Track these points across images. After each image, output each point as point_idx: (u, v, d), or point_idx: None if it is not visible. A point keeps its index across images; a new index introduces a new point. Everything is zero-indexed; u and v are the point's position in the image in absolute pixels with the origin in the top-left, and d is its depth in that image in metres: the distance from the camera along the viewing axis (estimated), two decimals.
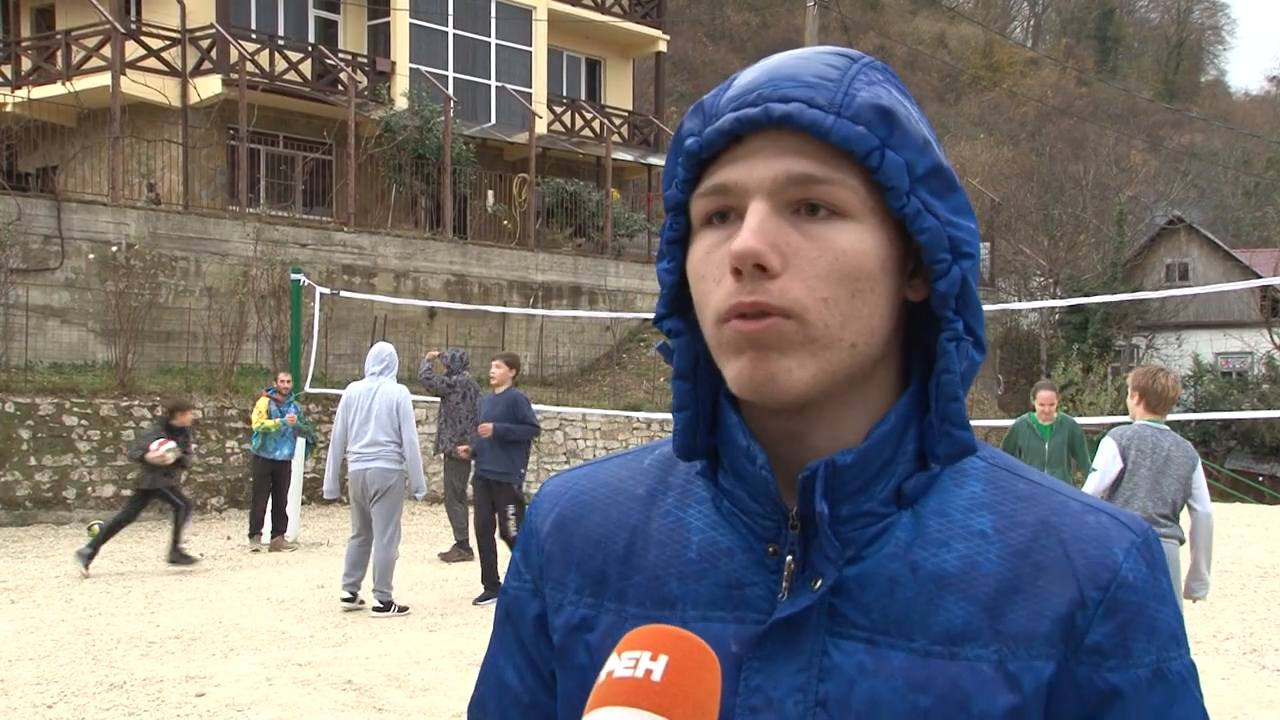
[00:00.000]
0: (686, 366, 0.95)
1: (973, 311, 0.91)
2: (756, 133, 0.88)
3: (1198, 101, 67.83)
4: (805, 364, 0.87)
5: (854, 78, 0.89)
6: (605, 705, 0.77)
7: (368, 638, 8.37)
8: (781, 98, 0.87)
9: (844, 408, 0.92)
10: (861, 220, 0.88)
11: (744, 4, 58.74)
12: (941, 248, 0.89)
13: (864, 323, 0.88)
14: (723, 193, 0.89)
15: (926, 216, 0.88)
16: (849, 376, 0.90)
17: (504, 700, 1.04)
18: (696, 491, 0.98)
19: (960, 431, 0.91)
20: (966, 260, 0.90)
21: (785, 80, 0.89)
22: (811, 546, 0.90)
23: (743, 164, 0.88)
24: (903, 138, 0.88)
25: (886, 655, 0.88)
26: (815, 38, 24.51)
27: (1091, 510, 0.93)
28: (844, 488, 0.90)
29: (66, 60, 21.36)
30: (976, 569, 0.90)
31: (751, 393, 0.88)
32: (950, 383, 0.90)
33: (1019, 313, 33.03)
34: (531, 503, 1.07)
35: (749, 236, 0.85)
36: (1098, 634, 0.88)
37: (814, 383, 0.88)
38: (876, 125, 0.87)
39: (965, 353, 0.90)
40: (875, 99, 0.88)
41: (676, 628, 0.82)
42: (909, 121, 0.89)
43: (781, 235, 0.87)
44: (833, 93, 0.87)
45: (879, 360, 0.92)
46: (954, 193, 0.91)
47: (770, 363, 0.87)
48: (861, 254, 0.87)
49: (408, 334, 20.53)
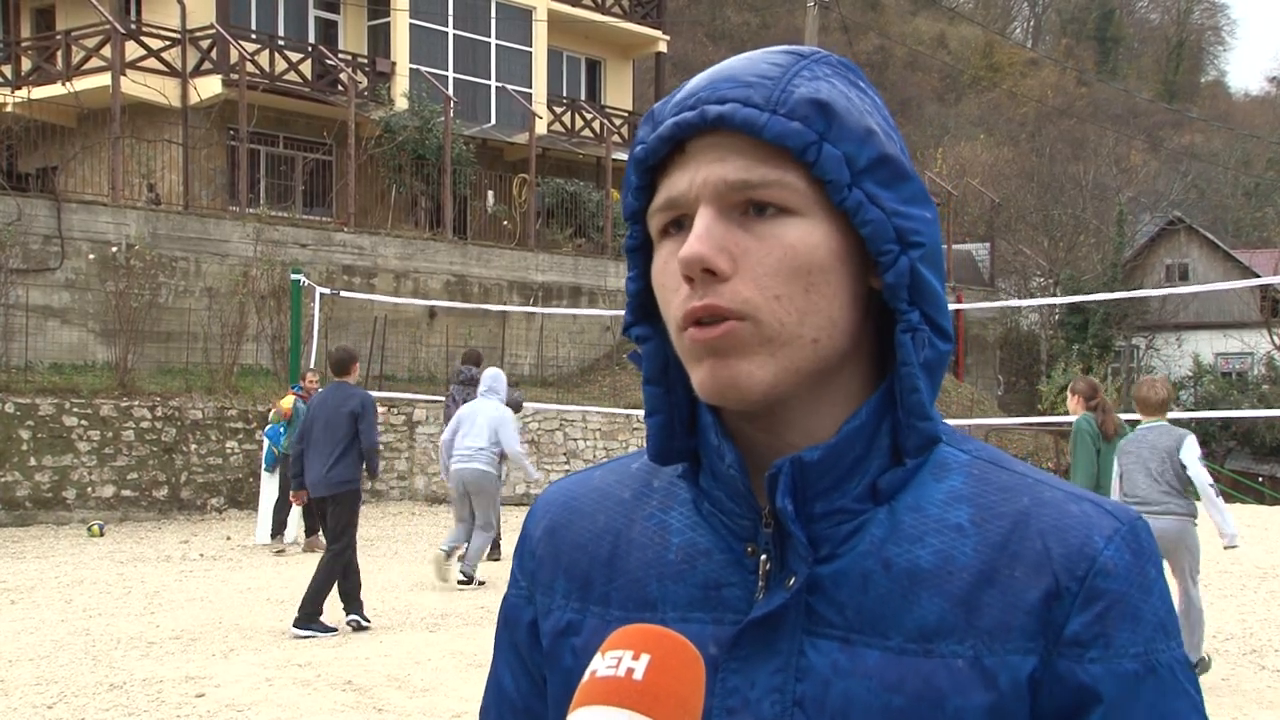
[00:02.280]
0: (656, 372, 0.96)
1: (929, 300, 0.89)
2: (697, 137, 0.88)
3: (1198, 102, 67.84)
4: (765, 365, 0.87)
5: (796, 74, 0.89)
6: (588, 705, 0.77)
7: (367, 638, 8.37)
8: (719, 99, 0.87)
9: (816, 404, 0.91)
10: (808, 215, 0.87)
11: (744, 4, 58.76)
12: (886, 239, 0.88)
13: (823, 316, 0.88)
14: (673, 206, 0.89)
15: (869, 208, 0.87)
16: (816, 372, 0.89)
17: (501, 706, 1.05)
18: (679, 494, 0.98)
19: (923, 423, 0.90)
20: (916, 250, 0.89)
21: (724, 82, 0.89)
22: (786, 545, 0.90)
23: (687, 171, 0.88)
24: (841, 130, 0.87)
25: (861, 654, 0.87)
26: (815, 38, 24.51)
27: (1074, 499, 0.91)
28: (814, 485, 0.89)
29: (66, 60, 21.37)
30: (951, 563, 0.88)
31: (716, 398, 0.88)
32: (909, 374, 0.89)
33: (1019, 313, 32.99)
34: (529, 510, 1.07)
35: (694, 242, 0.85)
36: (1076, 624, 0.86)
37: (776, 382, 0.87)
38: (814, 119, 0.87)
39: (924, 342, 0.89)
40: (813, 93, 0.87)
41: (659, 626, 0.81)
42: (849, 114, 0.88)
43: (730, 237, 0.87)
44: (770, 90, 0.87)
45: (847, 354, 0.91)
46: (905, 182, 0.90)
47: (730, 367, 0.87)
48: (810, 247, 0.87)
49: (408, 334, 20.54)
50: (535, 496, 8.92)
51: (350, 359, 9.02)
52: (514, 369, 21.54)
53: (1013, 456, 0.97)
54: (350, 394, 8.71)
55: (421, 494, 18.32)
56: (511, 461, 10.79)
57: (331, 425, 8.54)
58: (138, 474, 15.73)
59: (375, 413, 8.77)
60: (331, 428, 8.54)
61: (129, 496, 15.66)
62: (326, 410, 8.62)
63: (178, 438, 16.09)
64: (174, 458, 16.03)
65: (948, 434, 0.95)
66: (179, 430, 16.10)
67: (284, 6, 24.09)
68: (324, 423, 8.59)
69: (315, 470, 8.57)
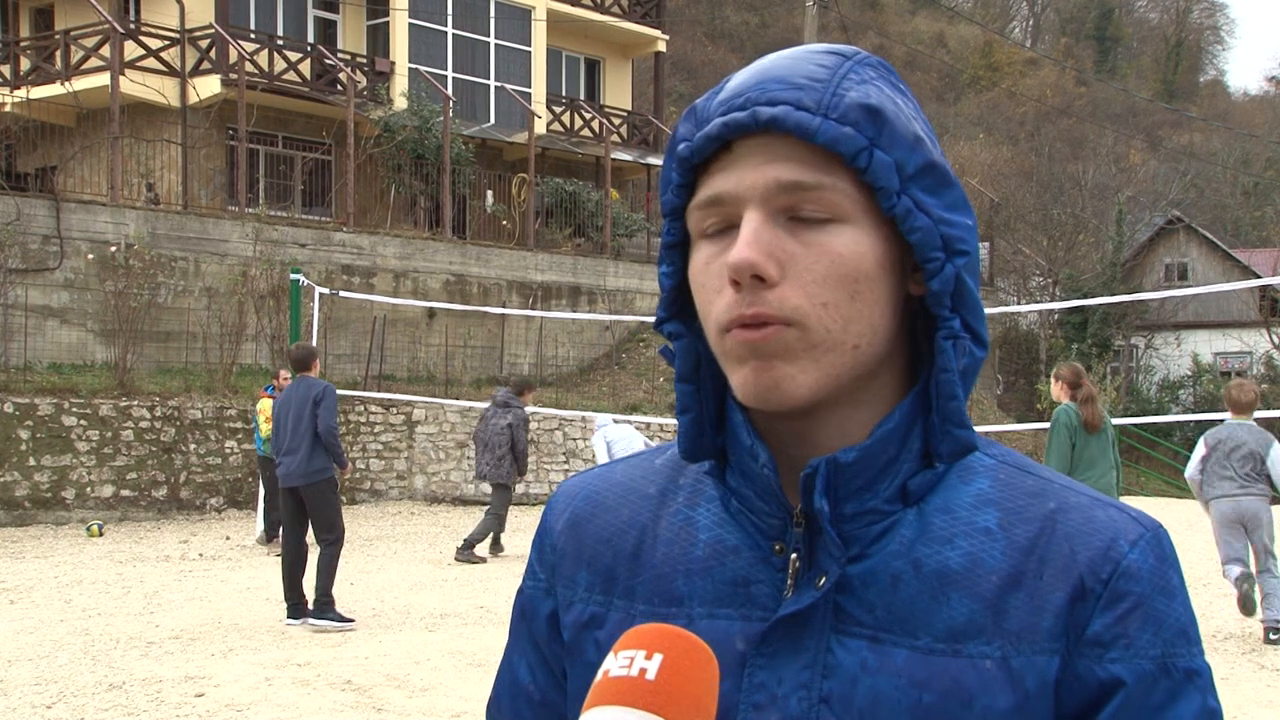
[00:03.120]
0: (688, 369, 0.96)
1: (970, 308, 0.90)
2: (746, 137, 0.88)
3: (1197, 101, 67.83)
4: (808, 370, 0.87)
5: (844, 77, 0.89)
6: (600, 705, 0.77)
7: (367, 638, 8.37)
8: (769, 100, 0.87)
9: (851, 407, 0.92)
10: (856, 222, 0.88)
11: (743, 4, 58.74)
12: (934, 246, 0.88)
13: (865, 323, 0.88)
14: (717, 204, 0.89)
15: (918, 215, 0.88)
16: (854, 377, 0.90)
17: (517, 698, 1.05)
18: (706, 490, 0.98)
19: (960, 430, 0.91)
20: (961, 258, 0.89)
21: (774, 82, 0.88)
22: (816, 544, 0.90)
23: (734, 172, 0.88)
24: (892, 136, 0.87)
25: (890, 653, 0.88)
26: (814, 37, 24.53)
27: (1100, 505, 0.92)
28: (847, 485, 0.90)
29: (65, 60, 21.35)
30: (980, 565, 0.89)
31: (757, 400, 0.88)
32: (948, 381, 0.90)
33: (1018, 312, 33.00)
34: (548, 502, 1.07)
35: (744, 248, 0.85)
36: (1098, 625, 0.87)
37: (818, 387, 0.88)
38: (864, 125, 0.87)
39: (963, 350, 0.90)
40: (864, 98, 0.87)
41: (672, 626, 0.81)
42: (898, 119, 0.88)
43: (777, 243, 0.87)
44: (820, 93, 0.87)
45: (884, 358, 0.92)
46: (949, 189, 0.90)
47: (773, 370, 0.87)
48: (858, 256, 0.87)
49: (407, 334, 20.54)
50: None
51: (310, 355, 9.15)
52: (513, 368, 21.54)
53: (1035, 461, 0.98)
54: (312, 385, 8.87)
55: (420, 494, 18.31)
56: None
57: (298, 419, 8.75)
58: (137, 474, 15.73)
59: (334, 399, 8.89)
60: (298, 421, 8.74)
61: (128, 496, 15.65)
62: (292, 405, 8.81)
63: (177, 438, 16.08)
64: (173, 457, 16.03)
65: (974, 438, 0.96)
66: (178, 430, 16.10)
67: (283, 6, 24.08)
68: (291, 417, 8.78)
69: (288, 464, 8.76)
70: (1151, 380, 35.21)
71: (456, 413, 18.49)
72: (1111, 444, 8.09)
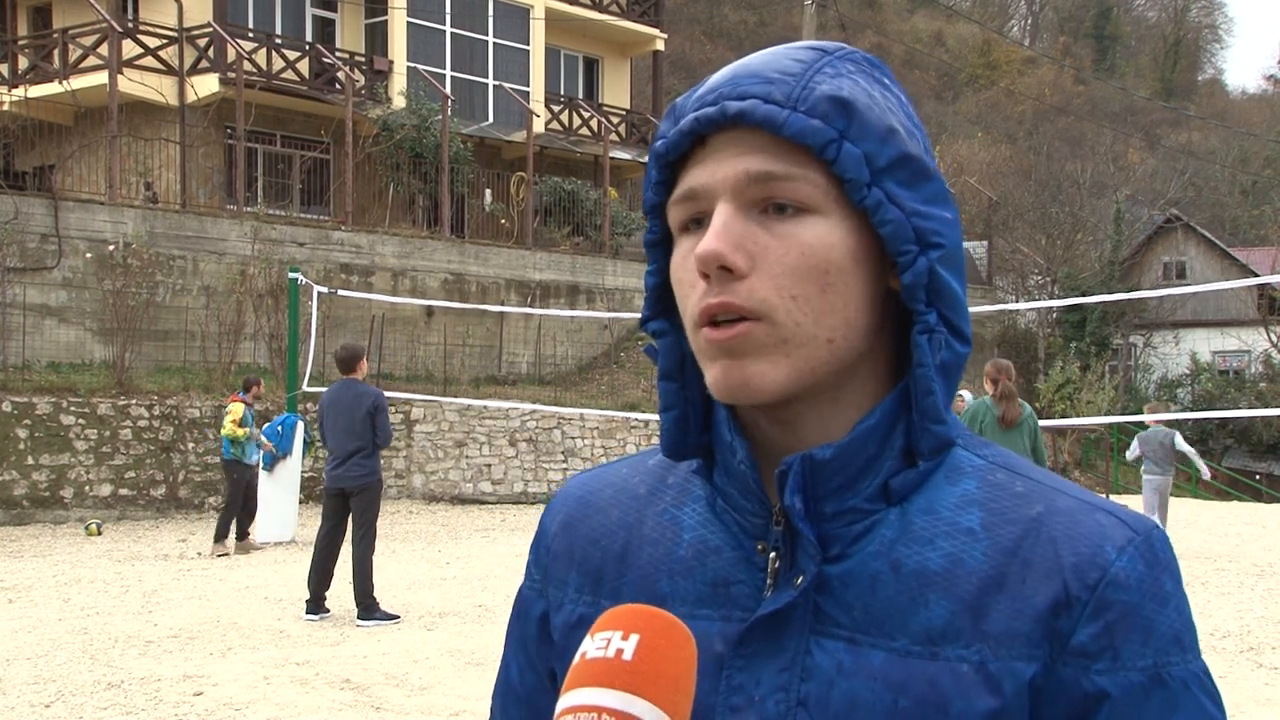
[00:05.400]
0: (672, 367, 0.95)
1: (948, 302, 0.88)
2: (718, 132, 0.88)
3: (1195, 100, 67.89)
4: (780, 364, 0.86)
5: (818, 70, 0.88)
6: (578, 687, 0.76)
7: (365, 637, 8.37)
8: (739, 95, 0.87)
9: (832, 404, 0.91)
10: (827, 214, 0.87)
11: (741, 2, 58.74)
12: (905, 239, 0.87)
13: (839, 317, 0.87)
14: (692, 198, 0.89)
15: (889, 208, 0.87)
16: (831, 372, 0.89)
17: (507, 696, 1.06)
18: (694, 490, 0.98)
19: (936, 426, 0.89)
20: (935, 250, 0.88)
21: (747, 77, 0.88)
22: (796, 543, 0.89)
23: (707, 166, 0.88)
24: (863, 128, 0.86)
25: (867, 655, 0.87)
26: (813, 36, 24.51)
27: (1091, 509, 0.89)
28: (826, 483, 0.89)
29: (64, 59, 21.34)
30: (961, 567, 0.87)
31: (729, 396, 0.88)
32: (924, 376, 0.88)
33: (1016, 311, 32.98)
34: (547, 504, 1.08)
35: (711, 239, 0.85)
36: (1084, 634, 0.84)
37: (789, 382, 0.87)
38: (834, 117, 0.86)
39: (940, 344, 0.88)
40: (835, 91, 0.87)
41: (648, 606, 0.81)
42: (870, 111, 0.87)
43: (748, 235, 0.86)
44: (791, 87, 0.87)
45: (864, 354, 0.90)
46: (925, 182, 0.89)
47: (743, 368, 0.86)
48: (827, 247, 0.86)
49: (405, 333, 20.54)
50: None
51: (356, 355, 9.09)
52: (512, 367, 21.54)
53: (1029, 463, 0.96)
54: (362, 392, 8.84)
55: (419, 492, 18.31)
56: None
57: (349, 423, 8.71)
58: (135, 473, 15.73)
59: (386, 407, 8.94)
60: (349, 425, 8.70)
61: (126, 495, 15.65)
62: (339, 408, 8.76)
63: (175, 437, 16.08)
64: (171, 456, 16.02)
65: (964, 438, 0.94)
66: (176, 429, 16.09)
67: (281, 5, 24.07)
68: (340, 421, 8.74)
69: (340, 467, 8.77)
70: (1150, 379, 35.21)
71: (455, 411, 18.50)
72: (1030, 441, 8.34)
